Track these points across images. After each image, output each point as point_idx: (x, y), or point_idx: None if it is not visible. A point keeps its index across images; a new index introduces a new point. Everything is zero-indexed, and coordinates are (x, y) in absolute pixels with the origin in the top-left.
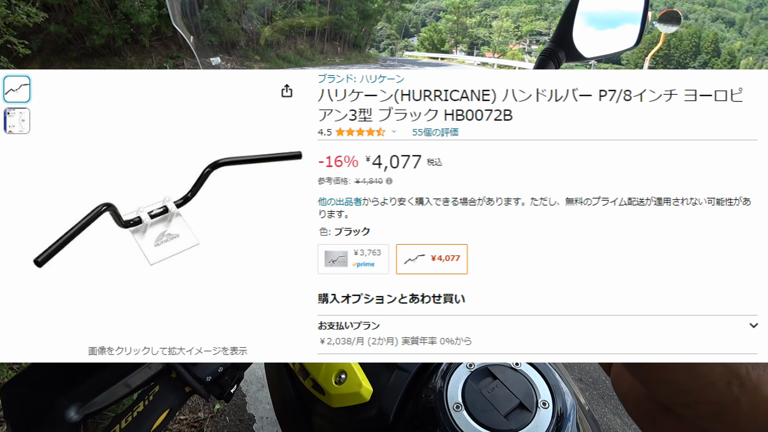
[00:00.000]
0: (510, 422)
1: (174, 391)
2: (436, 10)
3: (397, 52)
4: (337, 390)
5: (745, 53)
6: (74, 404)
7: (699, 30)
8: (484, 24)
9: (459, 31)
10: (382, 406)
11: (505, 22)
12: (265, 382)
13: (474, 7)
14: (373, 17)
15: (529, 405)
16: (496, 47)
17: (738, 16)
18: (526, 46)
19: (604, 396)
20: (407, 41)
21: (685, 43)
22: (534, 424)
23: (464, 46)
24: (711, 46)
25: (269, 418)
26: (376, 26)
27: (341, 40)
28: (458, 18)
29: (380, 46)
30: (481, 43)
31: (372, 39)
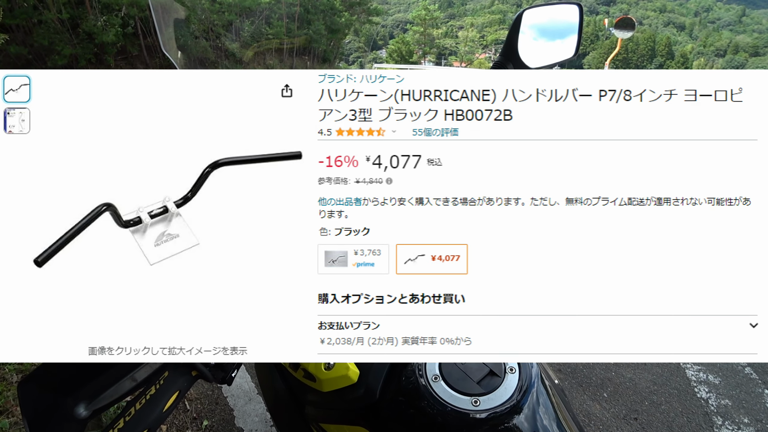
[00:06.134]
0: (482, 387)
1: (182, 375)
2: (403, 23)
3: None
4: (326, 375)
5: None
6: (83, 401)
7: (653, 35)
8: (450, 35)
9: (426, 42)
10: (368, 385)
11: (470, 32)
12: (252, 396)
13: (440, 18)
14: (341, 31)
15: (497, 371)
16: (463, 56)
17: (687, 20)
18: (492, 54)
19: (582, 384)
20: (376, 53)
21: (641, 47)
22: (503, 387)
23: (432, 57)
24: (665, 49)
25: (258, 430)
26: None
27: (310, 54)
28: (425, 29)
29: (349, 59)
30: (448, 53)
31: (341, 52)
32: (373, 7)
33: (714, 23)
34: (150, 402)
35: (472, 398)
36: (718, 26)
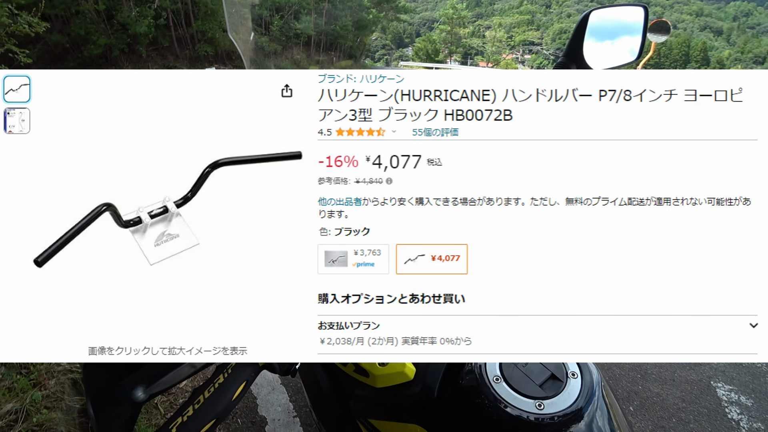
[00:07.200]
0: (545, 390)
1: (249, 365)
2: (430, 21)
3: (392, 62)
4: (381, 371)
5: (734, 61)
6: (141, 385)
7: (688, 39)
8: (477, 34)
9: (453, 41)
10: (426, 383)
11: (498, 32)
12: (275, 386)
13: (467, 17)
14: (368, 28)
15: (560, 376)
16: (490, 57)
17: (725, 25)
18: (519, 55)
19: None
20: (402, 51)
21: (675, 52)
22: (566, 392)
23: (458, 56)
24: (700, 54)
25: (281, 420)
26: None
27: (337, 50)
28: (452, 28)
29: (375, 56)
30: (474, 52)
31: (367, 49)
32: (401, 4)
33: (754, 29)
34: (218, 391)
35: (536, 401)
36: (758, 32)
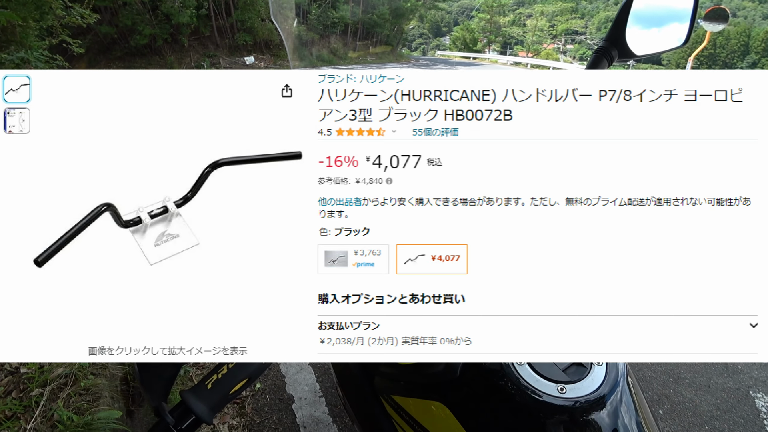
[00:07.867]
0: (568, 375)
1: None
2: (469, 9)
3: (429, 52)
4: None
5: None
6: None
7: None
8: (517, 23)
9: (492, 30)
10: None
11: (539, 21)
12: (303, 366)
13: (508, 5)
14: (406, 16)
15: (584, 362)
16: (530, 46)
17: None
18: (561, 45)
19: None
20: (439, 40)
21: (732, 43)
22: (590, 378)
23: (497, 46)
24: (761, 45)
25: (307, 399)
26: (409, 25)
27: (373, 39)
28: (491, 17)
29: (412, 46)
30: (514, 42)
31: (404, 38)
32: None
33: None
34: (225, 375)
35: (558, 385)
36: None
